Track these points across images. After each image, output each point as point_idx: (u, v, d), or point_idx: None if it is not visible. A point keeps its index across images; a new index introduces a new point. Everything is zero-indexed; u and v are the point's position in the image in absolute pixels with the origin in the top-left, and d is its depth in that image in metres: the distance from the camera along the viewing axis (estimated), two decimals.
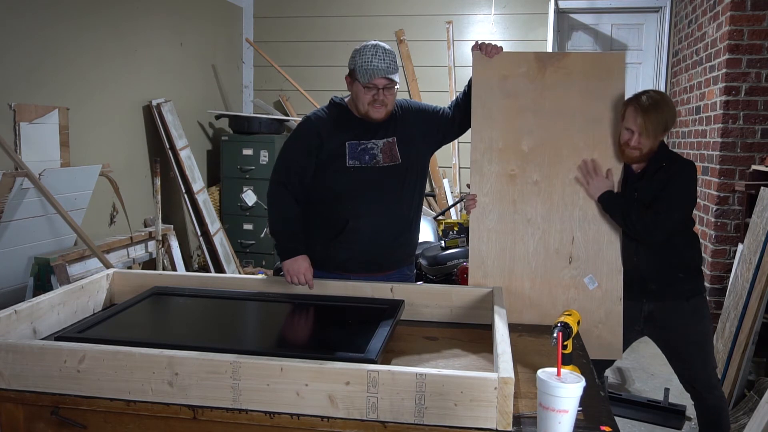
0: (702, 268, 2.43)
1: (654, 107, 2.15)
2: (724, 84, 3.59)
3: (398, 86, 2.16)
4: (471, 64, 2.30)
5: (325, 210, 2.21)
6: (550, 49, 4.80)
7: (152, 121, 4.28)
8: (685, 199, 2.22)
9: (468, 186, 2.33)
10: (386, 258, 2.24)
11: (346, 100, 2.25)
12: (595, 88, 2.26)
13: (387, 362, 1.60)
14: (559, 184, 2.25)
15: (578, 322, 1.56)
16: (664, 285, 2.30)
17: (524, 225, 2.26)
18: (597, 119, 2.25)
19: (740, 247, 3.49)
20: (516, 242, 2.26)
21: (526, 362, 1.69)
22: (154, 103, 4.23)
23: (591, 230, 2.23)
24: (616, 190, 2.23)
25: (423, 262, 3.49)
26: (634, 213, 2.17)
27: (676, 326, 2.32)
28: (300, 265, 2.09)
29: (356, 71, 2.10)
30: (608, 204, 2.20)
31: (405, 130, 2.23)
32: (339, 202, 2.18)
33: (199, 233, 4.52)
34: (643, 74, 5.16)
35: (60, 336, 1.63)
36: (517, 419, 1.35)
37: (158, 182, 3.71)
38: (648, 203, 2.22)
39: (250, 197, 4.93)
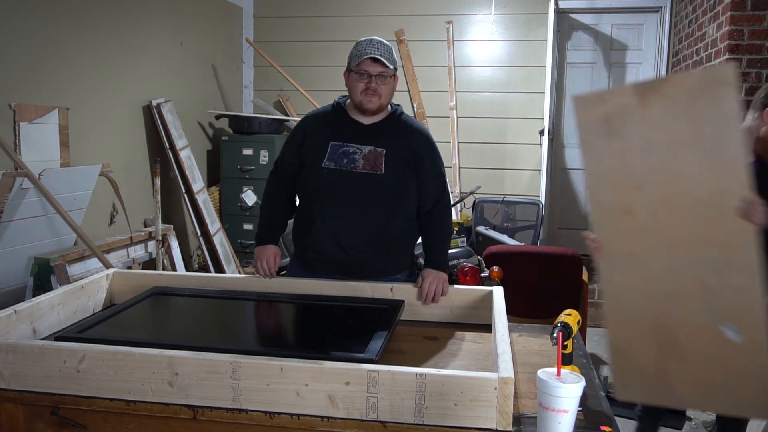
0: None
1: None
2: None
3: (392, 77, 2.12)
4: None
5: (302, 208, 2.24)
6: (549, 48, 4.80)
7: (152, 121, 4.28)
8: None
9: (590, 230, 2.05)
10: (359, 265, 2.14)
11: (347, 102, 2.24)
12: (705, 111, 1.93)
13: (387, 362, 1.60)
14: (678, 219, 1.79)
15: (578, 322, 1.56)
16: None
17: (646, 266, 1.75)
18: (715, 144, 1.89)
19: None
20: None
21: (526, 362, 1.69)
22: (154, 103, 4.23)
23: (726, 274, 1.67)
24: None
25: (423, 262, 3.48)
26: None
27: None
28: (262, 253, 2.18)
29: (350, 61, 2.13)
30: None
31: (400, 150, 2.14)
32: (311, 202, 2.18)
33: (199, 233, 4.52)
34: (643, 74, 5.16)
35: (60, 336, 1.63)
36: (517, 419, 1.35)
37: (158, 182, 3.71)
38: None
39: (250, 197, 4.93)
